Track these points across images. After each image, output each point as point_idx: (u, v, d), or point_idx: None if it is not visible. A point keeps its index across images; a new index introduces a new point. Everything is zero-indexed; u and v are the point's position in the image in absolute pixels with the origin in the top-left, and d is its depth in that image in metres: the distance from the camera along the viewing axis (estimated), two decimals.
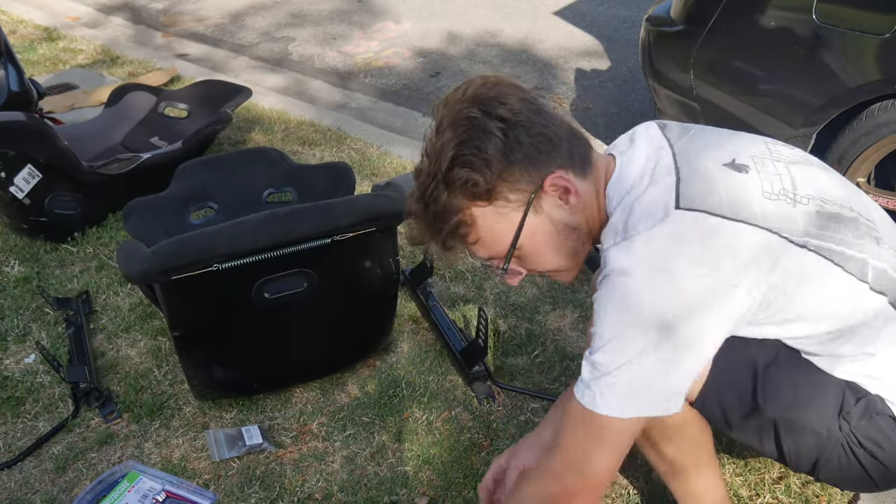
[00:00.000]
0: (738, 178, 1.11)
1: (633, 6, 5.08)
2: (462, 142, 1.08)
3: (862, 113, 2.12)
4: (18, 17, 4.94)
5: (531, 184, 1.10)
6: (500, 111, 1.09)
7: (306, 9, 5.35)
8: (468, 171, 1.08)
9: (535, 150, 1.09)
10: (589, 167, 1.15)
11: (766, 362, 1.17)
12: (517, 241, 1.14)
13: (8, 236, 2.43)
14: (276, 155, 2.16)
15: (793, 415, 1.17)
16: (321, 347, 1.79)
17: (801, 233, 1.08)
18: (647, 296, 1.02)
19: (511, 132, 1.09)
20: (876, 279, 1.12)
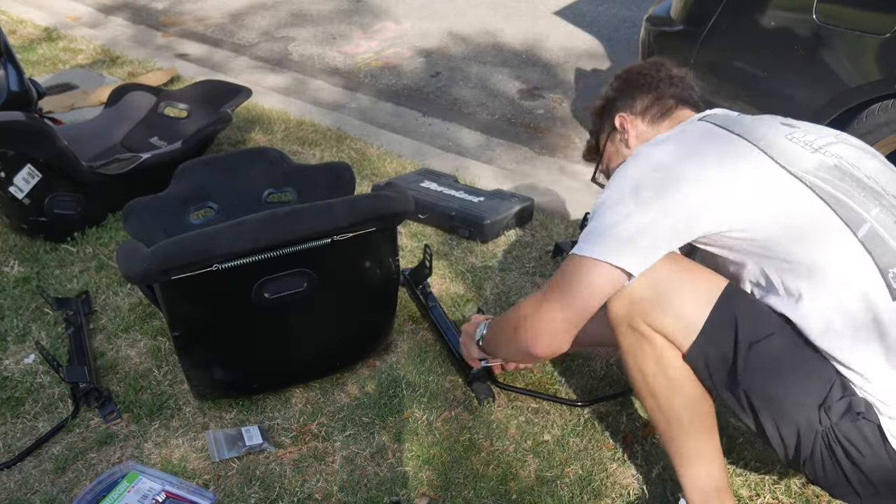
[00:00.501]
0: (776, 124, 1.33)
1: (633, 6, 5.08)
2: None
3: (862, 113, 2.12)
4: (18, 17, 4.94)
5: (609, 119, 1.58)
6: (614, 81, 1.60)
7: (306, 9, 5.35)
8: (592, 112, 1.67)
9: (618, 95, 1.57)
10: (664, 119, 1.51)
11: (758, 336, 1.21)
12: (601, 156, 1.63)
13: (8, 236, 2.43)
14: (276, 155, 2.16)
15: (768, 391, 1.21)
16: (321, 347, 1.79)
17: (802, 169, 1.23)
18: (634, 167, 1.30)
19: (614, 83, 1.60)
20: (868, 236, 1.16)
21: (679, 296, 1.26)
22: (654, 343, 1.29)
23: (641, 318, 1.28)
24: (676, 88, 1.53)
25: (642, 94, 1.54)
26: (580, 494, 1.54)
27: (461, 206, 2.47)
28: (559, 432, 1.69)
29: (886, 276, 1.15)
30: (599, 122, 1.63)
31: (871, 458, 1.15)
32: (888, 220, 1.19)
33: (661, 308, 1.26)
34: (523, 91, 3.95)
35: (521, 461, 1.62)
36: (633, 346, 1.32)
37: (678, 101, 1.52)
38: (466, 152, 3.28)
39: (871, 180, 1.24)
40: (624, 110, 1.55)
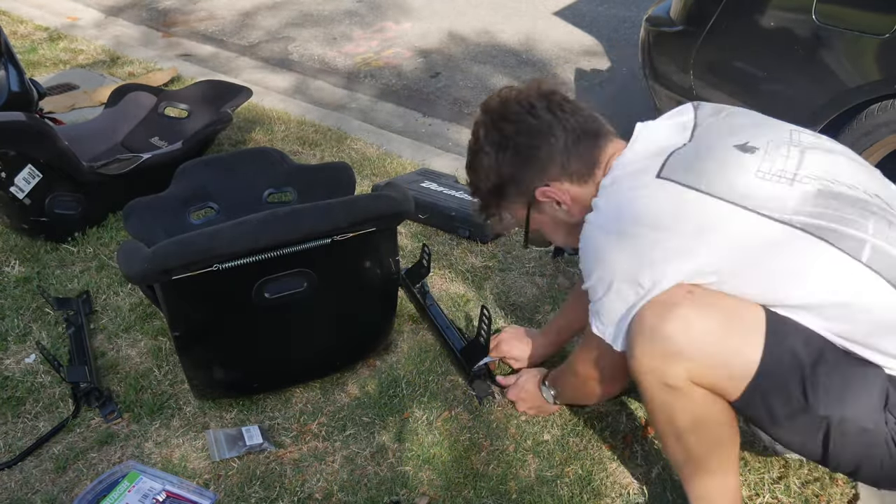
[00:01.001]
0: (740, 158, 1.20)
1: (633, 6, 5.08)
2: (469, 159, 1.44)
3: (862, 113, 2.12)
4: (19, 17, 4.94)
5: (523, 195, 1.38)
6: (491, 134, 1.36)
7: (306, 9, 5.35)
8: (475, 182, 1.44)
9: (520, 167, 1.35)
10: (591, 170, 1.34)
11: (813, 360, 1.16)
12: (528, 230, 1.45)
13: (8, 236, 2.43)
14: (276, 155, 2.16)
15: (843, 410, 1.15)
16: (321, 347, 1.79)
17: (789, 210, 1.15)
18: (605, 248, 1.22)
19: (500, 154, 1.35)
20: (872, 257, 1.13)
21: (726, 341, 1.17)
22: (694, 397, 1.21)
23: (681, 374, 1.19)
24: (570, 120, 1.32)
25: (545, 151, 1.32)
26: (580, 494, 1.54)
27: (461, 206, 2.47)
28: (559, 432, 1.70)
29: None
30: (500, 203, 1.42)
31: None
32: (884, 228, 1.15)
33: (707, 360, 1.17)
34: None
35: (521, 461, 1.63)
36: (668, 403, 1.24)
37: (592, 139, 1.33)
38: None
39: (854, 189, 1.18)
40: (539, 183, 1.34)
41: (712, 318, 1.17)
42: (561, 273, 2.27)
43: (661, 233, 1.18)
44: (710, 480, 1.33)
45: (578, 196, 1.34)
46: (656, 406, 1.26)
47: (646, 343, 1.20)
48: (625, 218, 1.20)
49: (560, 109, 1.33)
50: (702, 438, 1.27)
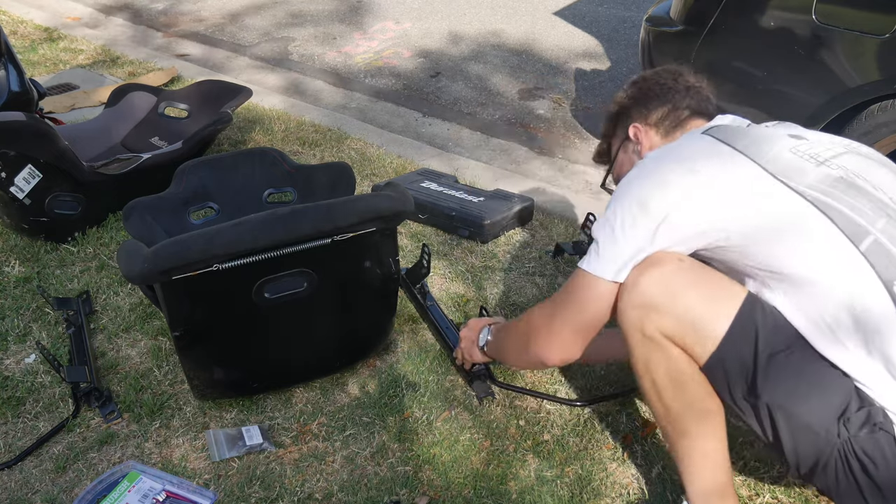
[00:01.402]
0: (785, 139, 1.30)
1: (633, 6, 5.09)
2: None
3: (862, 113, 2.12)
4: (19, 17, 4.94)
5: (624, 128, 1.57)
6: (629, 88, 1.59)
7: (306, 9, 5.36)
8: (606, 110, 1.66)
9: (635, 103, 1.56)
10: (677, 131, 1.50)
11: (775, 349, 1.19)
12: (612, 166, 1.63)
13: (8, 236, 2.43)
14: (276, 155, 2.16)
15: (790, 405, 1.19)
16: (321, 347, 1.79)
17: (804, 184, 1.21)
18: (636, 184, 1.30)
19: (630, 89, 1.58)
20: (871, 249, 1.15)
21: (699, 305, 1.24)
22: (669, 353, 1.28)
23: (657, 328, 1.27)
24: (692, 100, 1.51)
25: (658, 104, 1.52)
26: (580, 494, 1.54)
27: (461, 206, 2.47)
28: (559, 432, 1.70)
29: (891, 288, 1.13)
30: (612, 128, 1.62)
31: (886, 471, 1.14)
32: (894, 231, 1.17)
33: (680, 317, 1.24)
34: (523, 91, 3.95)
35: (521, 461, 1.63)
36: (646, 355, 1.31)
37: (693, 113, 1.50)
38: (466, 152, 3.28)
39: (878, 191, 1.22)
40: (638, 120, 1.54)
41: (690, 281, 1.25)
42: (561, 273, 2.28)
43: (687, 172, 1.26)
44: (691, 443, 1.34)
45: (654, 147, 1.51)
46: (637, 358, 1.33)
47: (627, 293, 1.29)
48: (660, 157, 1.33)
49: (696, 93, 1.52)
50: (679, 397, 1.30)
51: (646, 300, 1.26)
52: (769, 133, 1.34)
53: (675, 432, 1.35)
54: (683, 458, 1.36)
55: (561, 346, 1.41)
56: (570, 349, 1.40)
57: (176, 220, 2.01)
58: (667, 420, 1.35)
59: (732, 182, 1.24)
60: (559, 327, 1.39)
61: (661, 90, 1.53)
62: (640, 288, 1.26)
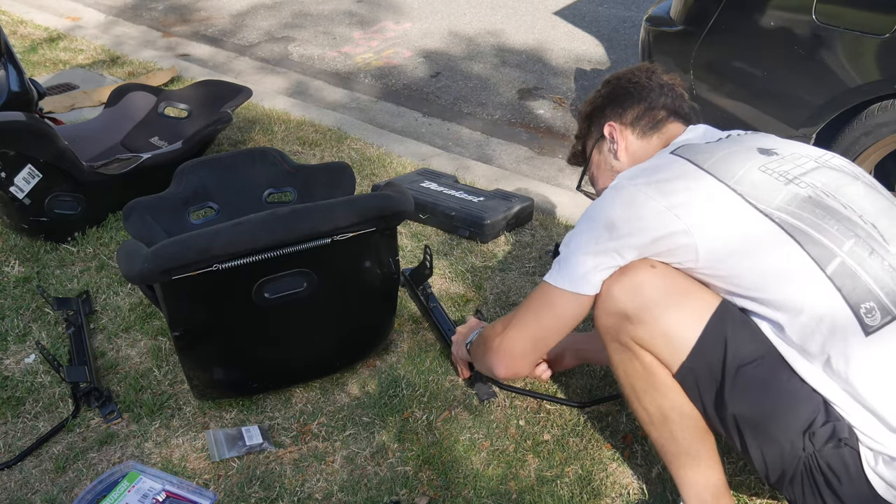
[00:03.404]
0: (754, 155, 1.28)
1: (633, 6, 5.09)
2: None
3: (862, 113, 2.12)
4: (19, 17, 4.94)
5: (598, 129, 1.54)
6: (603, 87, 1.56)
7: (306, 9, 5.35)
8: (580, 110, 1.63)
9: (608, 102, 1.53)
10: (652, 133, 1.47)
11: (744, 360, 1.20)
12: (586, 168, 1.62)
13: (8, 236, 2.43)
14: (276, 155, 2.16)
15: (756, 417, 1.20)
16: (321, 347, 1.79)
17: (773, 205, 1.20)
18: (608, 204, 1.30)
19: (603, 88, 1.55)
20: (837, 272, 1.14)
21: (669, 315, 1.25)
22: (643, 360, 1.30)
23: (630, 337, 1.28)
24: (667, 98, 1.49)
25: (633, 103, 1.50)
26: (580, 494, 1.54)
27: (461, 206, 2.47)
28: (559, 432, 1.70)
29: (858, 311, 1.13)
30: (586, 128, 1.60)
31: (850, 487, 1.13)
32: (863, 252, 1.16)
33: (650, 327, 1.26)
34: (523, 91, 3.95)
35: (521, 461, 1.63)
36: (623, 362, 1.33)
37: (669, 113, 1.48)
38: (466, 152, 3.28)
39: (848, 209, 1.20)
40: (614, 119, 1.51)
41: (662, 290, 1.25)
42: None
43: (655, 193, 1.25)
44: (678, 447, 1.34)
45: (630, 146, 1.49)
46: (615, 365, 1.36)
47: (602, 301, 1.31)
48: (633, 177, 1.31)
49: (669, 91, 1.51)
50: (658, 402, 1.31)
51: (619, 308, 1.28)
52: (739, 149, 1.31)
53: (660, 437, 1.36)
54: (672, 462, 1.37)
55: (510, 359, 1.46)
56: (518, 363, 1.46)
57: (176, 220, 2.01)
58: (651, 425, 1.36)
59: (700, 205, 1.23)
60: (511, 340, 1.44)
61: (635, 88, 1.51)
62: (613, 296, 1.28)
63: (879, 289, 1.14)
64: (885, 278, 1.14)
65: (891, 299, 1.13)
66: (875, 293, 1.13)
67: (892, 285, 1.14)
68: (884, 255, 1.16)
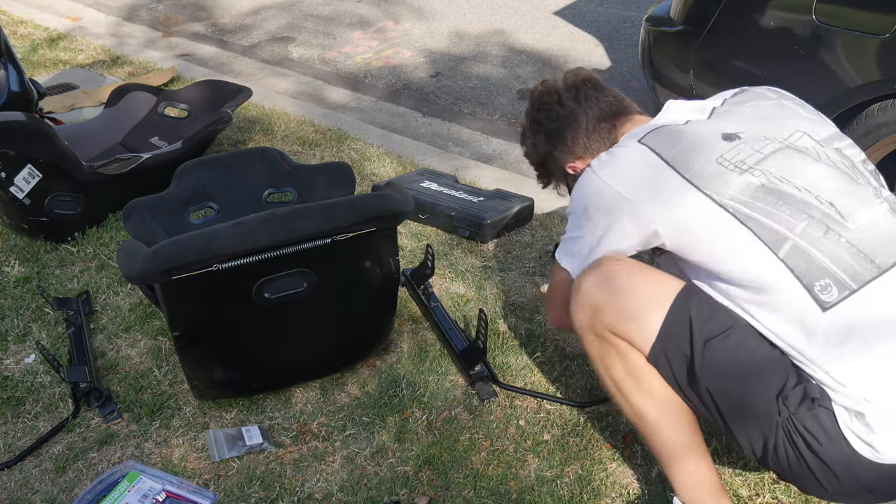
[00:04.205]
0: (716, 144, 1.32)
1: (633, 6, 5.08)
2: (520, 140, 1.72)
3: (862, 113, 2.12)
4: (19, 17, 4.94)
5: (559, 170, 1.61)
6: (529, 121, 1.63)
7: (307, 9, 5.36)
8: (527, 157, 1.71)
9: (552, 148, 1.59)
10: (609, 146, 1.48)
11: (710, 334, 1.24)
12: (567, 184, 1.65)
13: (8, 236, 2.43)
14: (276, 155, 2.16)
15: (728, 386, 1.23)
16: (321, 347, 1.79)
17: (727, 195, 1.24)
18: (582, 191, 1.39)
19: (536, 137, 1.61)
20: (790, 254, 1.18)
21: (636, 301, 1.31)
22: (619, 348, 1.33)
23: (604, 326, 1.33)
24: (593, 108, 1.53)
25: (571, 135, 1.54)
26: (580, 494, 1.54)
27: (461, 206, 2.47)
28: (559, 432, 1.70)
29: (812, 290, 1.16)
30: (546, 174, 1.67)
31: (830, 447, 1.15)
32: (816, 233, 1.19)
33: (620, 314, 1.31)
34: (523, 91, 3.95)
35: (521, 461, 1.63)
36: (601, 354, 1.37)
37: (611, 120, 1.52)
38: (466, 152, 3.28)
39: (803, 191, 1.23)
40: (566, 159, 1.57)
41: (628, 277, 1.32)
42: None
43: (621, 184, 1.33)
44: (663, 440, 1.36)
45: None
46: (594, 359, 1.40)
47: (574, 297, 1.38)
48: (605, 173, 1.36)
49: (585, 98, 1.53)
50: (638, 389, 1.34)
51: (590, 301, 1.34)
52: (703, 135, 1.34)
53: (646, 429, 1.37)
54: (664, 457, 1.38)
55: (552, 314, 1.65)
56: (559, 318, 1.58)
57: (176, 220, 2.01)
58: (636, 417, 1.38)
59: (660, 197, 1.29)
60: (548, 299, 1.61)
61: (562, 121, 1.55)
62: (583, 289, 1.36)
63: (835, 265, 1.17)
64: (843, 254, 1.18)
65: (849, 274, 1.16)
66: (830, 270, 1.17)
67: (850, 261, 1.17)
68: (841, 233, 1.19)
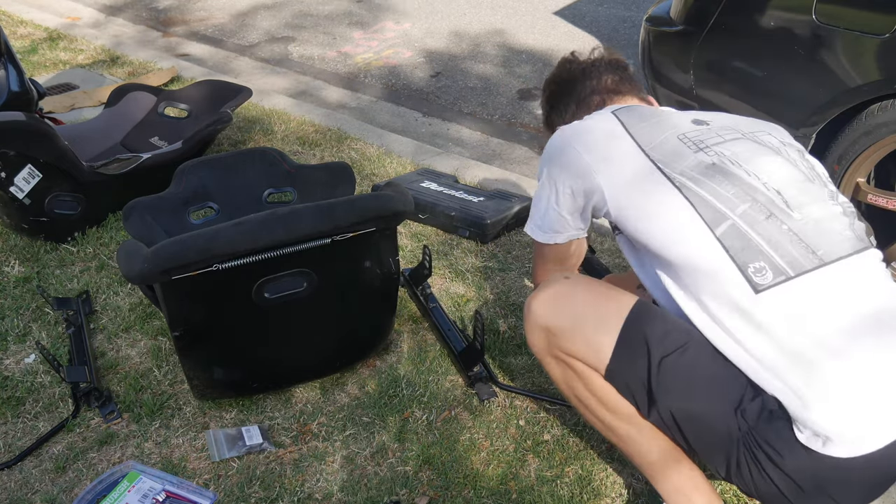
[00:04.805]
0: (683, 124, 1.35)
1: (633, 6, 5.08)
2: None
3: (862, 113, 2.12)
4: (19, 17, 4.94)
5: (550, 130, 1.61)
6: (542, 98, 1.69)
7: (306, 9, 5.36)
8: None
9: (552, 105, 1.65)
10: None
11: (665, 352, 1.21)
12: None
13: (8, 236, 2.43)
14: (276, 155, 2.16)
15: (685, 404, 1.21)
16: (321, 347, 1.79)
17: (677, 169, 1.26)
18: (546, 152, 1.43)
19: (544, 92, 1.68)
20: (727, 233, 1.18)
21: (587, 322, 1.29)
22: (577, 369, 1.33)
23: (559, 349, 1.32)
24: (592, 80, 1.56)
25: (565, 102, 1.60)
26: (580, 494, 1.54)
27: (461, 206, 2.47)
28: (559, 432, 1.70)
29: (746, 270, 1.16)
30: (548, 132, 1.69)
31: (791, 458, 1.13)
32: (758, 216, 1.20)
33: (572, 336, 1.30)
34: (523, 91, 3.95)
35: (521, 461, 1.63)
36: (562, 375, 1.37)
37: (603, 95, 1.55)
38: (466, 152, 3.28)
39: (752, 176, 1.25)
40: (559, 123, 1.59)
41: (578, 298, 1.32)
42: None
43: (579, 143, 1.36)
44: (638, 447, 1.35)
45: None
46: (555, 378, 1.40)
47: (527, 319, 1.36)
48: (568, 132, 1.41)
49: (592, 70, 1.57)
50: (603, 406, 1.33)
51: (542, 323, 1.33)
52: (672, 119, 1.37)
53: (621, 444, 1.37)
54: (643, 469, 1.38)
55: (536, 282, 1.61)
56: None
57: (176, 220, 2.01)
58: (607, 430, 1.38)
59: (614, 164, 1.31)
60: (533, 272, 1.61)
61: (562, 88, 1.61)
62: (535, 311, 1.34)
63: (773, 250, 1.17)
64: (782, 241, 1.18)
65: (786, 261, 1.16)
66: (767, 254, 1.17)
67: (790, 248, 1.17)
68: (783, 220, 1.20)
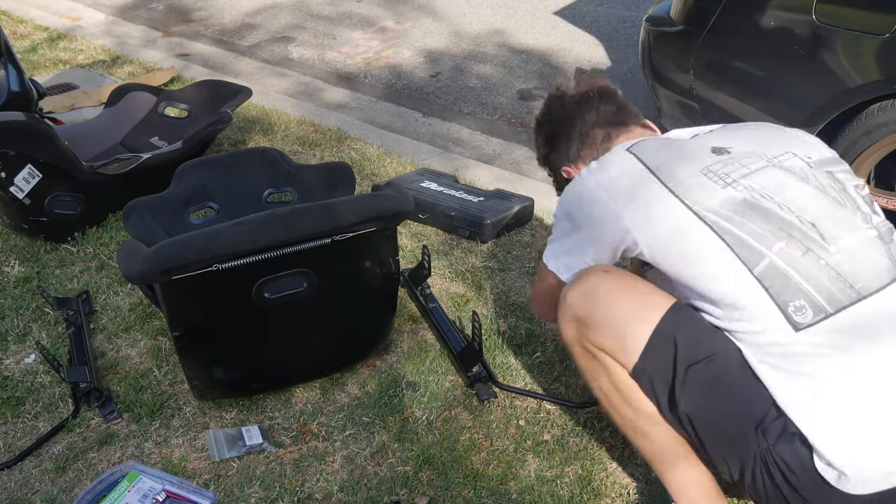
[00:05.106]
0: (704, 156, 1.31)
1: (633, 6, 5.08)
2: None
3: (862, 113, 2.12)
4: (19, 17, 4.94)
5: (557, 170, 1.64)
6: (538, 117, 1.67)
7: (307, 9, 5.36)
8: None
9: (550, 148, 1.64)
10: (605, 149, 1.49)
11: (694, 358, 1.21)
12: None
13: (8, 236, 2.43)
14: (276, 155, 2.16)
15: (706, 414, 1.21)
16: (321, 347, 1.79)
17: (707, 208, 1.23)
18: (568, 196, 1.41)
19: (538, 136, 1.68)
20: (765, 273, 1.17)
21: (620, 318, 1.28)
22: (604, 363, 1.32)
23: (588, 340, 1.32)
24: (591, 114, 1.54)
25: (565, 141, 1.58)
26: (580, 494, 1.54)
27: (461, 206, 2.47)
28: (559, 432, 1.70)
29: (786, 310, 1.14)
30: (553, 175, 1.69)
31: (807, 481, 1.13)
32: (795, 252, 1.17)
33: (603, 329, 1.29)
34: (523, 91, 3.95)
35: (521, 461, 1.63)
36: (588, 365, 1.37)
37: (607, 129, 1.52)
38: (466, 152, 3.28)
39: (785, 210, 1.22)
40: (562, 163, 1.60)
41: (614, 293, 1.30)
42: None
43: (602, 190, 1.33)
44: (653, 445, 1.35)
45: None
46: (582, 368, 1.40)
47: (561, 309, 1.36)
48: (589, 182, 1.37)
49: (587, 103, 1.55)
50: (626, 402, 1.33)
51: (576, 314, 1.33)
52: (693, 149, 1.33)
53: (636, 438, 1.37)
54: (654, 463, 1.38)
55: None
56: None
57: (176, 220, 2.01)
58: (626, 426, 1.37)
59: (641, 206, 1.28)
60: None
61: (558, 128, 1.59)
62: (569, 302, 1.34)
63: (812, 287, 1.15)
64: (821, 277, 1.16)
65: (825, 297, 1.15)
66: (806, 291, 1.15)
67: (828, 284, 1.15)
68: (820, 255, 1.18)
